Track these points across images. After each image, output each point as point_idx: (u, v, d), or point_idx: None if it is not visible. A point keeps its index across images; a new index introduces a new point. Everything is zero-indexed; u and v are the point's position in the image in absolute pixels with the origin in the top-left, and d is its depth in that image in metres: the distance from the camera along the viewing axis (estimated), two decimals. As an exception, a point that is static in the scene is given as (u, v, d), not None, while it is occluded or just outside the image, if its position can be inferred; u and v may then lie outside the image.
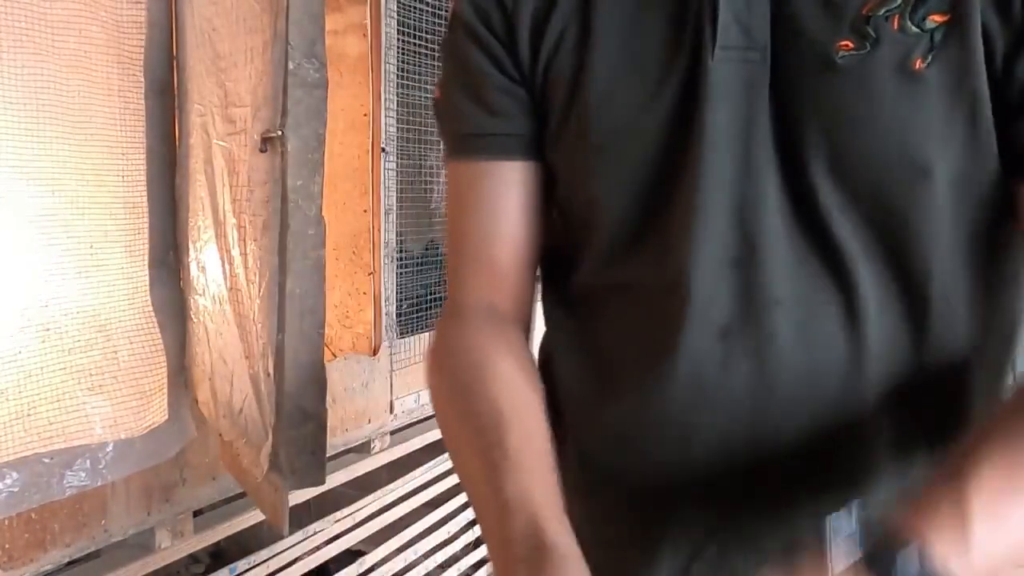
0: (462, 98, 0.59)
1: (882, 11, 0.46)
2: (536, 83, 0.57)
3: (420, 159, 1.98)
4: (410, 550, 1.84)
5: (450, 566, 2.00)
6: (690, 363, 0.51)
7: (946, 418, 0.51)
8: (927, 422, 0.51)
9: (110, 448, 1.09)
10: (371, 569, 1.73)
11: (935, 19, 0.46)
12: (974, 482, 0.39)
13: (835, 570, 0.40)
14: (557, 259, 0.62)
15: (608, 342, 0.57)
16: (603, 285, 0.57)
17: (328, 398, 0.92)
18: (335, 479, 1.60)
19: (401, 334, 1.78)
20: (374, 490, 1.74)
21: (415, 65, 1.77)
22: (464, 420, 0.52)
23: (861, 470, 0.48)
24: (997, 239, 0.50)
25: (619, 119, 0.53)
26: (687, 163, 0.50)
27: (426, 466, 1.90)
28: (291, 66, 0.82)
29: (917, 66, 0.46)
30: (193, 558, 1.55)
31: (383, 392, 1.72)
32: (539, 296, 0.66)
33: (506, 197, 0.59)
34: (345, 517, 1.65)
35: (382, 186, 1.68)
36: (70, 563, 1.15)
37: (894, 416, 0.50)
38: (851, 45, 0.47)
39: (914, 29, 0.46)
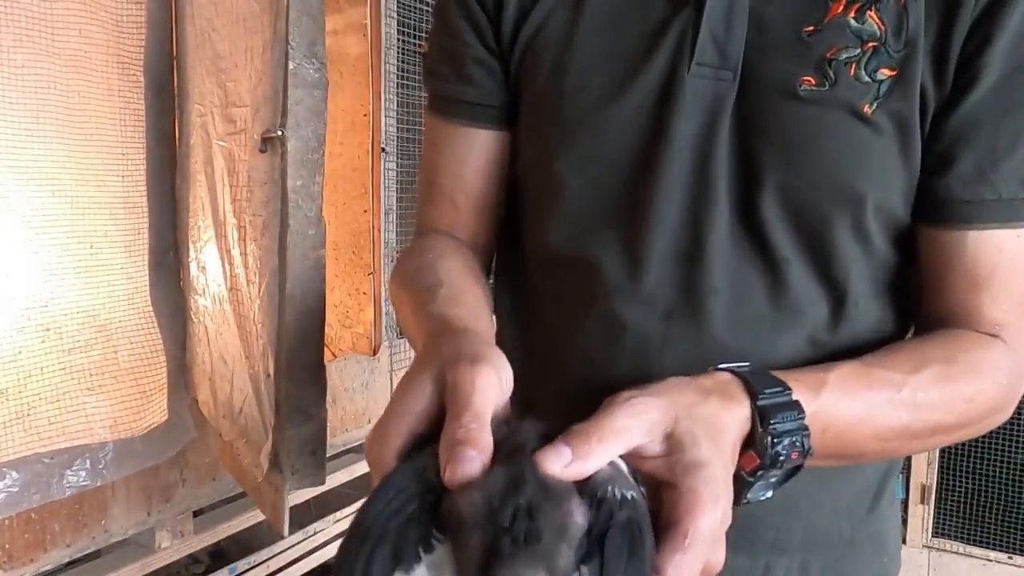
0: (444, 62, 0.65)
1: (843, 57, 0.53)
2: (513, 58, 0.62)
3: (420, 159, 1.98)
4: (410, 550, 1.84)
5: (450, 566, 2.00)
6: (636, 340, 0.57)
7: None
8: None
9: (110, 448, 1.09)
10: (371, 569, 1.73)
11: (884, 72, 0.53)
12: (836, 371, 0.50)
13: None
14: (509, 232, 0.67)
15: (553, 315, 0.62)
16: (557, 260, 0.61)
17: (328, 398, 0.92)
18: (335, 479, 1.60)
19: (401, 334, 1.78)
20: (374, 490, 1.74)
21: (415, 65, 1.77)
22: (408, 288, 0.58)
23: None
24: (908, 250, 0.58)
25: (589, 106, 0.58)
26: (651, 162, 0.56)
27: (426, 466, 1.90)
28: (291, 66, 0.82)
29: (865, 110, 0.53)
30: (193, 558, 1.55)
31: (383, 392, 1.72)
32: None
33: (471, 155, 0.65)
34: (345, 517, 1.65)
35: (382, 186, 1.68)
36: (70, 563, 1.15)
37: None
38: (813, 81, 0.53)
39: (866, 78, 0.53)
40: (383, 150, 1.66)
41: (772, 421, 0.44)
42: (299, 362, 0.88)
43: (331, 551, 1.61)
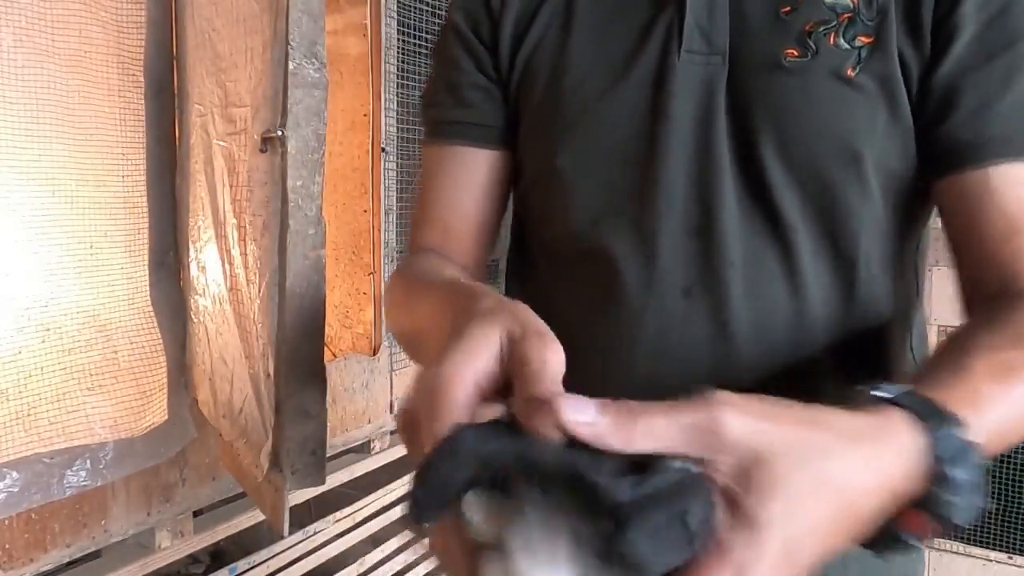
0: (443, 91, 0.68)
1: (821, 29, 0.57)
2: (513, 79, 0.66)
3: (420, 159, 1.98)
4: (410, 550, 1.84)
5: (450, 566, 1.99)
6: (657, 320, 0.58)
7: (873, 359, 0.60)
8: (858, 364, 0.59)
9: (110, 448, 1.09)
10: (371, 569, 1.73)
11: (862, 39, 0.57)
12: (981, 376, 0.43)
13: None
14: (516, 242, 0.70)
15: (570, 310, 0.63)
16: (569, 255, 0.63)
17: (328, 398, 0.92)
18: (335, 479, 1.60)
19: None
20: (374, 490, 1.74)
21: (415, 65, 1.77)
22: (419, 286, 0.56)
23: None
24: (910, 217, 0.60)
25: (588, 101, 0.61)
26: (654, 143, 0.59)
27: (426, 466, 1.90)
28: (291, 66, 0.82)
29: (849, 73, 0.56)
30: (193, 558, 1.55)
31: (383, 392, 1.72)
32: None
33: (468, 177, 0.67)
34: (345, 517, 1.65)
35: (382, 186, 1.68)
36: (70, 563, 1.15)
37: (832, 361, 0.58)
38: (796, 53, 0.57)
39: (845, 45, 0.57)
40: (383, 150, 1.66)
41: (950, 473, 0.35)
42: (299, 362, 0.88)
43: (331, 551, 1.61)
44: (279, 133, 0.84)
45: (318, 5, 0.85)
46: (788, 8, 0.58)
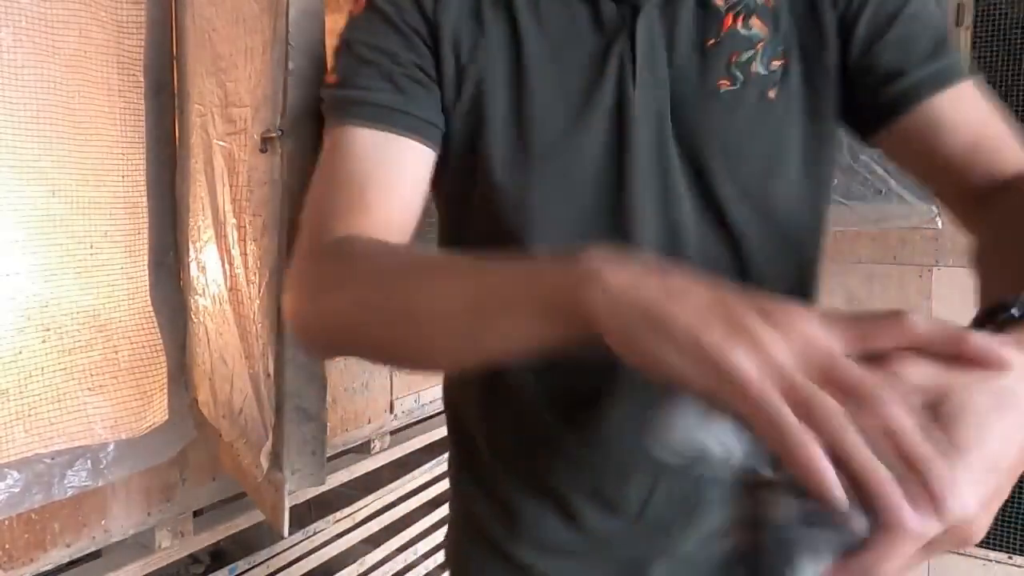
0: (376, 77, 0.65)
1: (744, 59, 0.65)
2: (463, 95, 0.66)
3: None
4: (410, 550, 1.84)
5: (450, 566, 1.99)
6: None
7: None
8: None
9: (111, 448, 1.09)
10: (371, 569, 1.73)
11: (775, 63, 0.65)
12: None
13: None
14: (493, 247, 0.67)
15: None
16: None
17: (328, 398, 0.92)
18: (335, 479, 1.60)
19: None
20: (374, 490, 1.74)
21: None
22: (390, 275, 0.53)
23: None
24: (823, 216, 0.70)
25: (556, 134, 0.64)
26: (621, 175, 0.64)
27: (426, 466, 1.90)
28: (291, 66, 0.82)
29: (771, 95, 0.65)
30: (193, 558, 1.55)
31: (383, 392, 1.72)
32: None
33: (412, 171, 0.65)
34: (345, 517, 1.65)
35: (382, 186, 1.68)
36: (70, 563, 1.15)
37: None
38: (728, 83, 0.65)
39: (763, 71, 0.65)
40: (383, 150, 1.66)
41: None
42: (299, 362, 0.88)
43: (331, 551, 1.61)
44: (279, 133, 0.84)
45: (318, 5, 0.85)
46: (712, 40, 0.65)
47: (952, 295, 2.73)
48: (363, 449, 1.71)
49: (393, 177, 0.64)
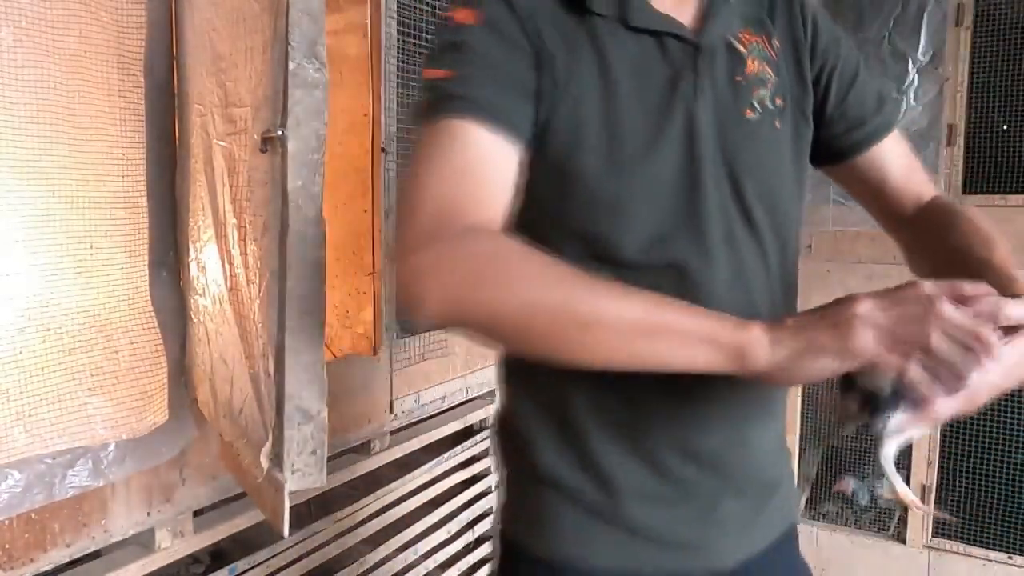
0: (489, 82, 0.74)
1: (761, 94, 0.85)
2: (559, 113, 0.77)
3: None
4: (410, 550, 1.84)
5: (450, 566, 2.00)
6: (711, 301, 0.76)
7: (793, 294, 0.92)
8: (790, 295, 0.91)
9: (111, 448, 1.10)
10: (371, 569, 1.73)
11: (779, 101, 0.86)
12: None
13: None
14: (585, 241, 0.80)
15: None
16: (646, 266, 0.79)
17: (328, 398, 0.92)
18: (335, 479, 1.60)
19: (401, 334, 1.78)
20: (374, 490, 1.74)
21: (415, 65, 1.77)
22: (546, 263, 0.67)
23: None
24: (802, 211, 0.91)
25: (640, 148, 0.78)
26: (692, 182, 0.80)
27: (426, 466, 1.90)
28: (291, 66, 0.82)
29: (777, 125, 0.85)
30: (193, 558, 1.55)
31: (383, 392, 1.72)
32: None
33: (511, 174, 0.75)
34: (345, 517, 1.65)
35: (382, 186, 1.68)
36: (70, 563, 1.15)
37: (779, 297, 0.88)
38: (751, 113, 0.84)
39: (771, 107, 0.85)
40: (383, 150, 1.66)
41: None
42: (299, 362, 0.88)
43: (331, 551, 1.61)
44: (279, 133, 0.84)
45: (318, 5, 0.85)
46: (739, 78, 0.84)
47: (952, 295, 2.72)
48: (363, 449, 1.71)
49: (500, 177, 0.73)
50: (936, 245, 0.87)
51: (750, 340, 0.64)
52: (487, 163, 0.72)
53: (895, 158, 0.93)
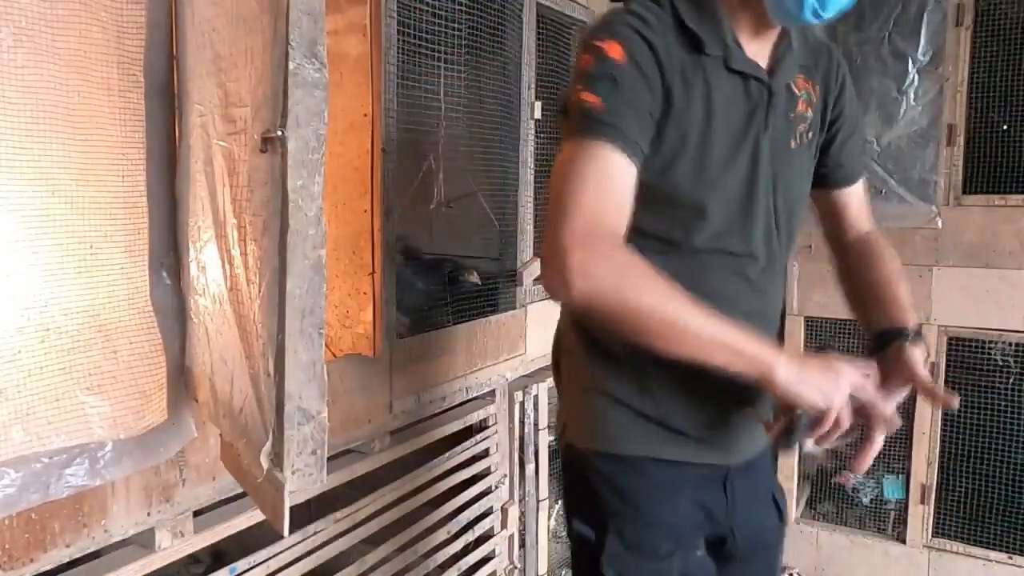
0: (629, 112, 0.98)
1: (802, 129, 1.14)
2: (668, 136, 1.02)
3: (420, 159, 1.97)
4: (410, 550, 1.84)
5: (450, 566, 2.00)
6: (752, 284, 1.14)
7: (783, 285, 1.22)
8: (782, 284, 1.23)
9: (109, 448, 1.09)
10: (371, 569, 1.73)
11: (809, 135, 1.16)
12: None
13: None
14: (664, 237, 1.08)
15: (711, 280, 1.09)
16: (707, 250, 1.09)
17: (328, 398, 0.92)
18: (335, 479, 1.61)
19: (400, 334, 1.78)
20: (374, 490, 1.74)
21: (415, 65, 1.77)
22: (667, 287, 0.94)
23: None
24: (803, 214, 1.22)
25: (722, 163, 1.06)
26: (753, 191, 1.09)
27: (426, 466, 1.90)
28: (291, 66, 0.82)
29: (806, 154, 1.17)
30: (193, 558, 1.55)
31: (383, 392, 1.72)
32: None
33: (632, 191, 0.99)
34: (345, 517, 1.65)
35: (382, 186, 1.68)
36: (70, 563, 1.15)
37: (780, 287, 1.22)
38: (794, 144, 1.13)
39: (806, 140, 1.16)
40: (383, 150, 1.66)
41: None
42: (299, 362, 0.88)
43: (331, 551, 1.61)
44: (279, 133, 0.84)
45: (318, 5, 0.85)
46: (792, 114, 1.12)
47: (952, 295, 2.72)
48: (363, 449, 1.71)
49: (630, 195, 0.98)
50: (859, 272, 1.22)
51: (775, 363, 0.94)
52: (625, 185, 0.97)
53: (856, 198, 1.27)
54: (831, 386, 0.94)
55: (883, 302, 1.15)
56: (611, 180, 0.96)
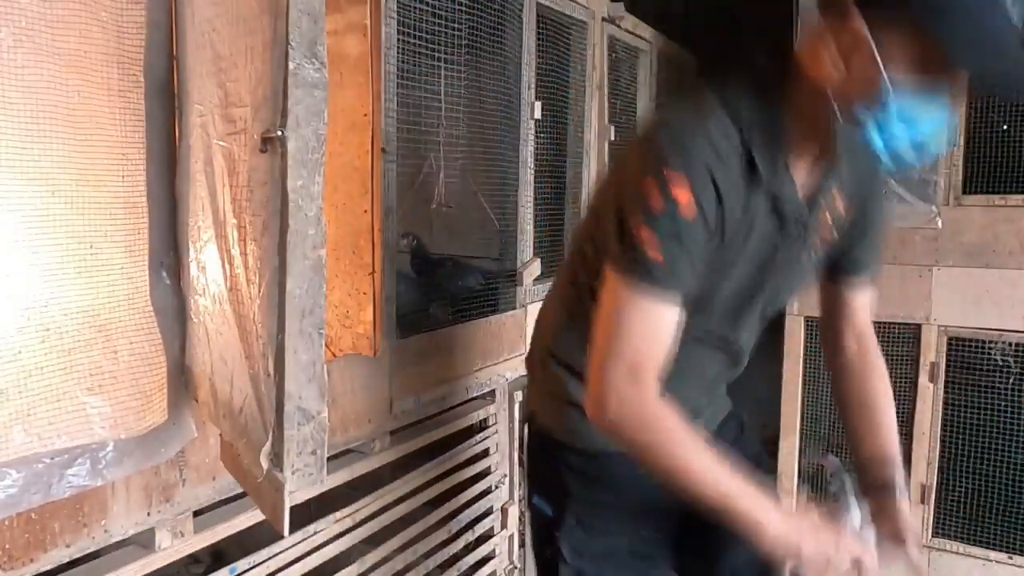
0: (686, 264, 1.03)
1: (818, 243, 1.21)
2: (720, 254, 1.10)
3: (420, 159, 1.97)
4: (410, 550, 1.84)
5: (450, 566, 2.00)
6: (730, 359, 1.28)
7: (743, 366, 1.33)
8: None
9: (110, 448, 1.09)
10: (371, 569, 1.73)
11: (823, 246, 1.22)
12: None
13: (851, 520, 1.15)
14: None
15: (704, 360, 1.24)
16: (707, 338, 1.20)
17: (328, 398, 0.92)
18: (335, 479, 1.60)
19: (401, 334, 1.78)
20: (374, 490, 1.74)
21: (415, 65, 1.77)
22: (696, 444, 1.05)
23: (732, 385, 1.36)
24: None
25: (740, 274, 1.15)
26: (754, 295, 1.19)
27: (426, 466, 1.90)
28: (291, 66, 0.82)
29: (815, 260, 1.24)
30: (193, 558, 1.55)
31: (383, 392, 1.72)
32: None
33: (674, 327, 1.06)
34: (345, 517, 1.65)
35: (382, 186, 1.68)
36: (70, 563, 1.15)
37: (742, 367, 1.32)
38: (806, 257, 1.20)
39: (819, 252, 1.23)
40: (383, 150, 1.66)
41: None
42: (299, 362, 0.88)
43: (331, 551, 1.61)
44: (279, 133, 0.84)
45: (318, 5, 0.85)
46: (813, 232, 1.18)
47: (952, 295, 2.72)
48: (363, 449, 1.71)
49: (672, 339, 1.05)
50: (852, 393, 1.31)
51: (770, 521, 1.02)
52: (669, 332, 1.04)
53: (860, 300, 1.31)
54: (822, 557, 1.02)
55: (872, 429, 1.27)
56: (658, 331, 1.04)
